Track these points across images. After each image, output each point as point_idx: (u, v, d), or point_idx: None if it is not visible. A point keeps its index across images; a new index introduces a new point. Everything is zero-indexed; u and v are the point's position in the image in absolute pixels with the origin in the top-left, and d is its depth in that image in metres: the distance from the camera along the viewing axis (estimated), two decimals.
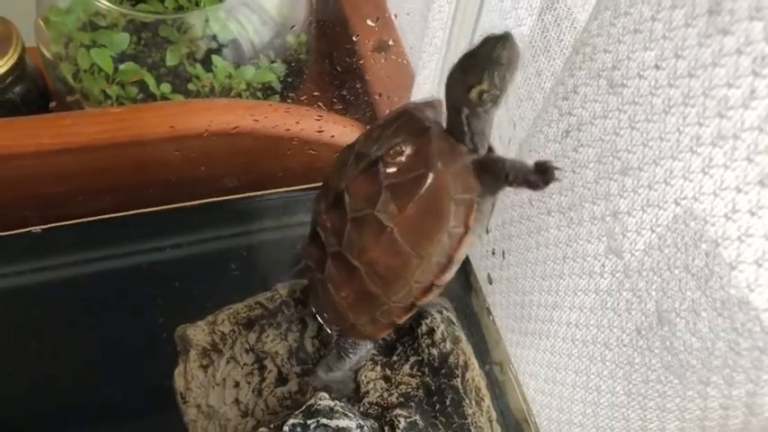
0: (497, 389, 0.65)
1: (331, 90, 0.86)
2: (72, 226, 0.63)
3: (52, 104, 0.80)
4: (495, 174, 0.41)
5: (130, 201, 0.64)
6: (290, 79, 0.87)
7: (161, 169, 0.66)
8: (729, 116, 0.33)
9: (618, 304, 0.45)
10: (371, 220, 0.44)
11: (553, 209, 0.51)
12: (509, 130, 0.56)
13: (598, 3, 0.42)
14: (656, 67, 0.37)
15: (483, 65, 0.39)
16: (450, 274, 0.45)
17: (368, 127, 0.48)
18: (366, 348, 0.59)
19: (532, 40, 0.55)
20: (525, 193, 0.55)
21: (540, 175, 0.39)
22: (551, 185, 0.39)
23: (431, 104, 0.45)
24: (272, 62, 0.86)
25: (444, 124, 0.44)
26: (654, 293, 0.42)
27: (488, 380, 0.65)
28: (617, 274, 0.45)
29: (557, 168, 0.39)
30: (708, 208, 0.36)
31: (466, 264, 0.70)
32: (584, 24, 0.44)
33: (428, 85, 0.68)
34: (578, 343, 0.51)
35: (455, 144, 0.42)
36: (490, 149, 0.44)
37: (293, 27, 0.85)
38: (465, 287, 0.70)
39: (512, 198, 0.57)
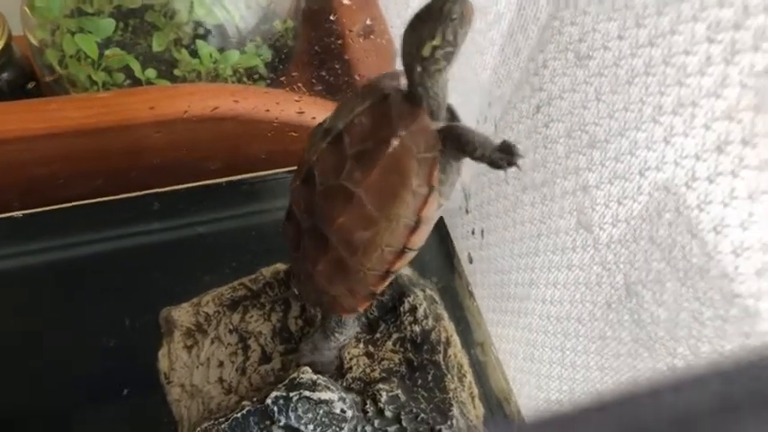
0: (479, 369, 0.65)
1: (315, 73, 0.86)
2: (53, 211, 0.64)
3: (30, 85, 0.80)
4: (461, 144, 0.41)
5: (113, 185, 0.65)
6: (277, 64, 0.87)
7: (144, 153, 0.67)
8: (688, 83, 0.33)
9: (589, 278, 0.46)
10: (339, 189, 0.45)
11: (528, 186, 0.51)
12: (484, 109, 0.56)
13: None
14: (619, 37, 0.37)
15: (435, 20, 0.38)
16: (420, 237, 0.46)
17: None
18: (353, 328, 0.59)
19: (511, 19, 0.55)
20: (509, 170, 0.55)
21: (504, 154, 0.39)
22: (512, 168, 0.39)
23: (391, 74, 0.45)
24: (259, 47, 0.86)
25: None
26: (622, 266, 0.42)
27: (470, 360, 0.66)
28: (588, 249, 0.45)
29: (519, 156, 0.39)
30: (670, 177, 0.36)
31: (448, 244, 0.70)
32: None
33: None
34: (553, 319, 0.52)
35: (414, 106, 0.42)
36: (452, 115, 0.45)
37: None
38: (448, 268, 0.70)
39: (489, 177, 0.57)
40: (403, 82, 0.42)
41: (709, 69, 0.32)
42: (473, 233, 0.63)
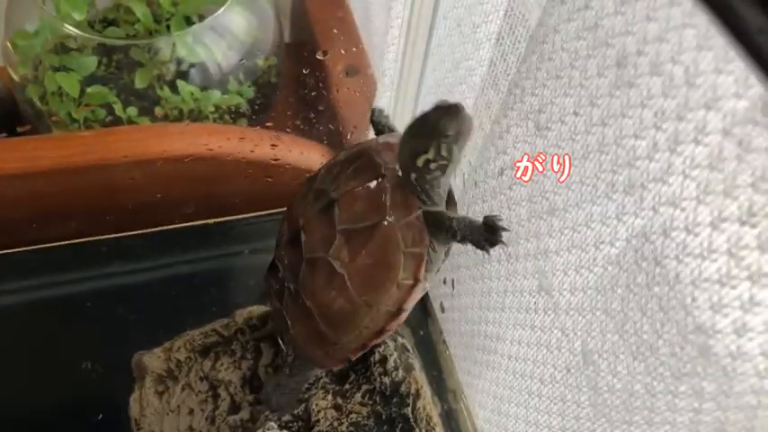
0: (451, 417, 0.65)
1: (298, 111, 0.87)
2: (24, 252, 0.64)
3: (23, 128, 0.80)
4: (444, 230, 0.41)
5: (87, 227, 0.65)
6: (259, 102, 0.88)
7: (120, 195, 0.67)
8: (637, 166, 0.34)
9: (550, 341, 0.46)
10: (324, 265, 0.45)
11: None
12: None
13: (527, 46, 0.43)
14: (575, 113, 0.38)
15: (430, 134, 0.38)
16: (399, 321, 0.46)
17: (329, 159, 0.48)
18: (316, 371, 0.59)
19: (482, 74, 0.55)
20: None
21: (488, 235, 0.40)
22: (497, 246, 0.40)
23: (390, 147, 0.44)
24: (241, 85, 0.87)
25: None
26: (579, 333, 0.42)
27: (442, 408, 0.66)
28: (549, 312, 0.45)
29: (504, 229, 0.39)
30: (621, 253, 0.37)
31: None
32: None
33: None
34: (518, 376, 0.52)
35: (408, 196, 0.42)
36: (451, 201, 0.45)
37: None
38: (422, 314, 0.70)
39: None
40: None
41: (656, 155, 0.32)
42: (444, 282, 0.63)
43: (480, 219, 0.40)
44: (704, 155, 0.30)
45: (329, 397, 0.62)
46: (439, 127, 0.38)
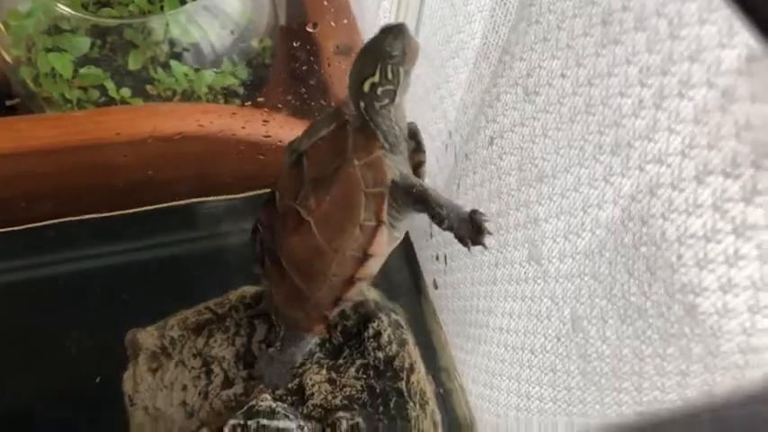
0: (444, 395, 0.65)
1: (293, 92, 0.86)
2: (18, 232, 0.64)
3: (11, 102, 0.80)
4: (432, 214, 0.41)
5: (78, 207, 0.65)
6: (253, 83, 0.87)
7: (112, 173, 0.67)
8: (623, 124, 0.34)
9: (540, 311, 0.46)
10: (293, 213, 0.45)
11: (485, 215, 0.51)
12: (446, 138, 0.56)
13: (517, 12, 0.43)
14: (562, 75, 0.38)
15: (376, 56, 0.38)
16: (369, 270, 0.46)
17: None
18: (307, 342, 0.59)
19: (475, 47, 0.55)
20: (468, 198, 0.56)
21: (473, 233, 0.40)
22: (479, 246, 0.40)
23: None
24: (235, 66, 0.86)
25: None
26: (569, 300, 0.42)
27: (436, 385, 0.65)
28: (539, 281, 0.45)
29: (488, 233, 0.39)
30: (609, 216, 0.36)
31: (415, 268, 0.70)
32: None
33: None
34: (510, 349, 0.52)
35: (370, 137, 0.42)
36: (416, 141, 0.45)
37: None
38: (415, 292, 0.70)
39: None
40: None
41: (642, 113, 0.32)
42: (437, 258, 0.63)
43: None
44: (689, 108, 0.29)
45: (323, 371, 0.62)
46: (384, 47, 0.38)
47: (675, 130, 0.30)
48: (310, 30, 0.80)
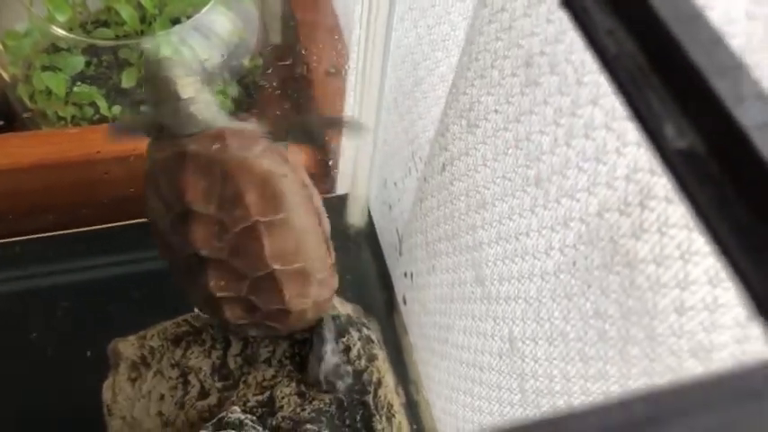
0: (413, 408, 0.67)
1: (282, 110, 0.89)
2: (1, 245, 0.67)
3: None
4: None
5: (63, 220, 0.68)
6: (244, 101, 0.90)
7: (99, 188, 0.70)
8: (543, 160, 0.36)
9: (486, 329, 0.48)
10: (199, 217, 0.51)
11: (442, 236, 0.54)
12: (410, 162, 0.59)
13: (463, 48, 0.45)
14: (495, 111, 0.40)
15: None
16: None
17: None
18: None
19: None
20: (429, 220, 0.58)
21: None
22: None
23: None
24: (227, 84, 0.90)
25: None
26: (508, 321, 0.44)
27: (406, 399, 0.68)
28: (484, 301, 0.47)
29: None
30: (534, 244, 0.38)
31: (389, 283, 0.72)
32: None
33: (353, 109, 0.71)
34: (464, 365, 0.54)
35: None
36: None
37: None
38: (389, 307, 0.72)
39: (415, 225, 0.60)
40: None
41: (557, 150, 0.34)
42: (405, 275, 0.65)
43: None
44: (593, 149, 0.32)
45: (293, 384, 0.64)
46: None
47: (583, 168, 0.32)
48: (303, 51, 0.83)
